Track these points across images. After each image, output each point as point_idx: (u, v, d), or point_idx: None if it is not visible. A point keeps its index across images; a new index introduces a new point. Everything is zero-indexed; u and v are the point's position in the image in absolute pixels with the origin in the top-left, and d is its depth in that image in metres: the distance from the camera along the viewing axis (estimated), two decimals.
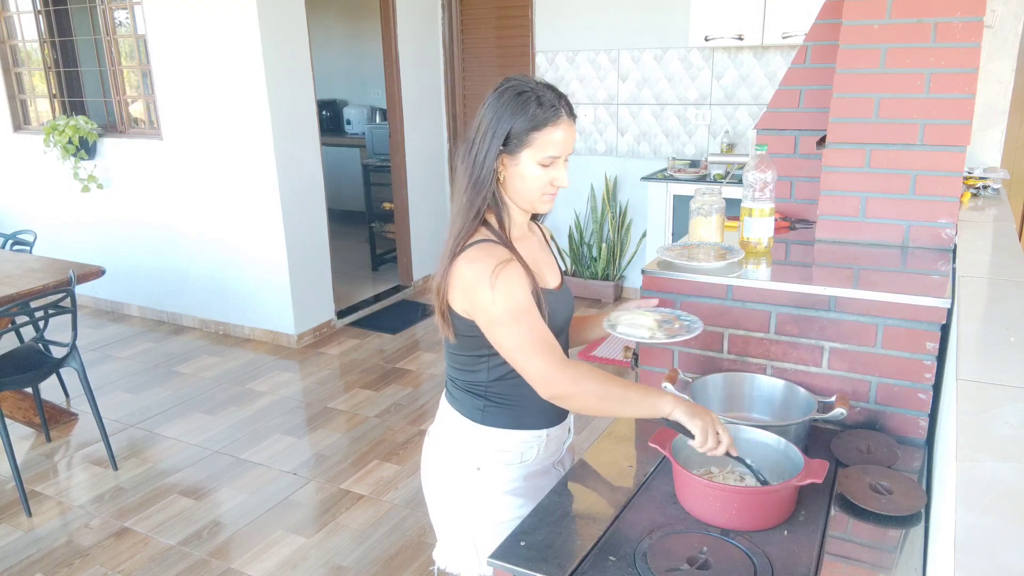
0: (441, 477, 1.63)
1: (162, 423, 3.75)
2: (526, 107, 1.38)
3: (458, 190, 1.46)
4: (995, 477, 0.90)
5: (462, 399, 1.58)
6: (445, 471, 1.62)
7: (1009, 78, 3.27)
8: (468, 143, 1.45)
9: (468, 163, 1.44)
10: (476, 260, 1.40)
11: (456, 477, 1.60)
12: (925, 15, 1.85)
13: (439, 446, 1.64)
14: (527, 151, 1.41)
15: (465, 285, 1.41)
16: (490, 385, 1.53)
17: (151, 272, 5.14)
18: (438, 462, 1.64)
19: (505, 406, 1.54)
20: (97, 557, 2.74)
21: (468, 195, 1.44)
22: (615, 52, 5.11)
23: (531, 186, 1.44)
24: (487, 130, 1.41)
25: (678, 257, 1.86)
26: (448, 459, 1.61)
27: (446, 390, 1.64)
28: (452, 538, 1.64)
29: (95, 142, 5.01)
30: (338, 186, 6.96)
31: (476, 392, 1.55)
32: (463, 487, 1.59)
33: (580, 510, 1.43)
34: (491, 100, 1.42)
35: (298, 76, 4.44)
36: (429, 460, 1.67)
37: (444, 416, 1.64)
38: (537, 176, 1.43)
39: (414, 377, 4.23)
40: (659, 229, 4.73)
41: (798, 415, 1.60)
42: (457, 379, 1.58)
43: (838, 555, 1.27)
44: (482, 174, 1.42)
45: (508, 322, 1.38)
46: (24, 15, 5.26)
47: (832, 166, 2.00)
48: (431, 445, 1.67)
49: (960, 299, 1.50)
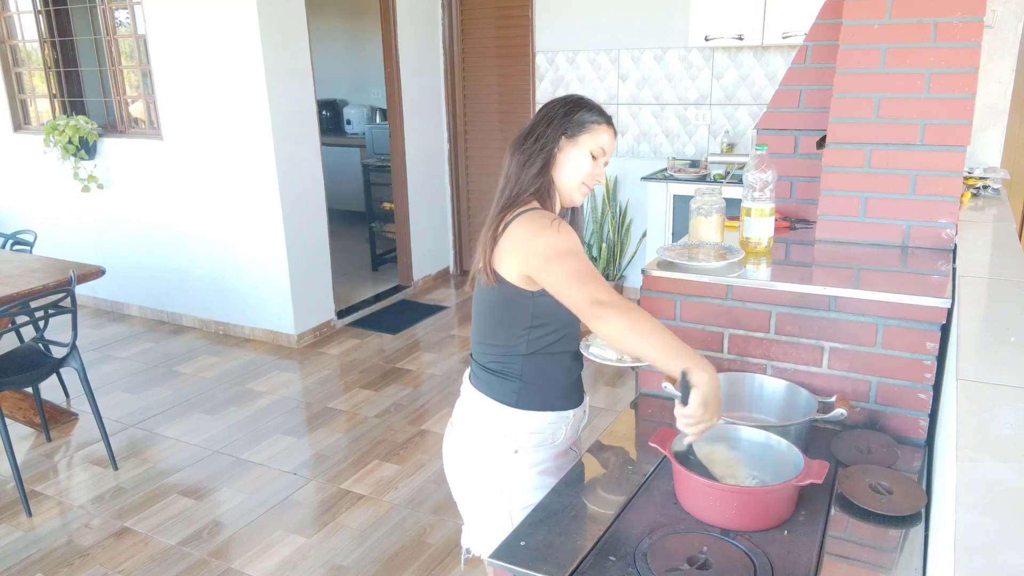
0: (476, 462, 1.68)
1: (162, 423, 3.75)
2: (589, 107, 1.62)
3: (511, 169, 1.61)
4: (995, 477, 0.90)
5: (494, 384, 1.64)
6: (480, 456, 1.67)
7: (1009, 78, 3.27)
8: (529, 131, 1.61)
9: (528, 144, 1.60)
10: (532, 219, 1.52)
11: (493, 461, 1.65)
12: (925, 15, 1.85)
13: (471, 432, 1.68)
14: (586, 136, 1.60)
15: (521, 239, 1.51)
16: (527, 361, 1.61)
17: (151, 272, 5.14)
18: (471, 448, 1.68)
19: (538, 387, 1.63)
20: (97, 557, 2.74)
21: (524, 168, 1.59)
22: (615, 52, 5.11)
23: (578, 173, 1.61)
24: (553, 116, 1.60)
25: (678, 257, 1.85)
26: (484, 444, 1.66)
27: (472, 376, 1.70)
28: (485, 521, 1.69)
29: (95, 142, 5.01)
30: (338, 186, 6.96)
31: (511, 374, 1.62)
32: (500, 471, 1.65)
33: (580, 510, 1.43)
34: (556, 101, 1.63)
35: (298, 76, 4.44)
36: (459, 447, 1.71)
37: (472, 403, 1.68)
38: (586, 164, 1.61)
39: (414, 377, 4.23)
40: (659, 229, 4.73)
41: (798, 415, 1.60)
42: (490, 363, 1.64)
43: (838, 555, 1.27)
44: (542, 152, 1.59)
45: (565, 255, 1.45)
46: (24, 15, 5.26)
47: (832, 166, 2.00)
48: (461, 432, 1.71)
49: (960, 299, 1.50)
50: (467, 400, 1.71)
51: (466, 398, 1.71)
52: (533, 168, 1.58)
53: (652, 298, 1.87)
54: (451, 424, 1.77)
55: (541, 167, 1.58)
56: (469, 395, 1.70)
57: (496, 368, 1.64)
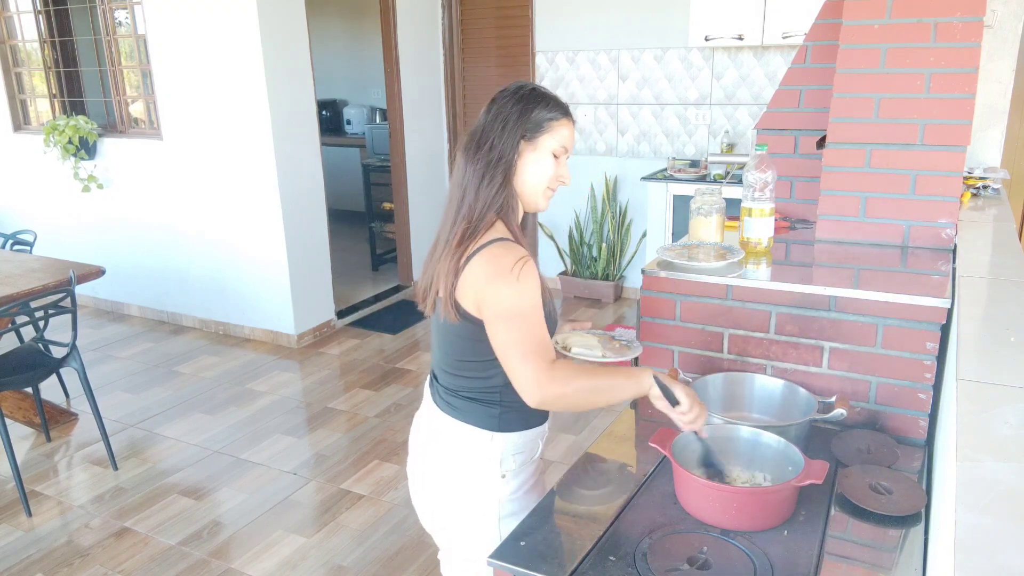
0: (460, 492, 1.56)
1: (162, 423, 3.75)
2: (545, 100, 1.48)
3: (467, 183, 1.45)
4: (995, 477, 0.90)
5: (471, 410, 1.53)
6: (466, 486, 1.55)
7: (1009, 78, 3.27)
8: (480, 135, 1.46)
9: (482, 154, 1.44)
10: (496, 257, 1.39)
11: (481, 489, 1.54)
12: (925, 15, 1.85)
13: (452, 461, 1.56)
14: (546, 137, 1.46)
15: (480, 279, 1.39)
16: (505, 389, 1.49)
17: (151, 272, 5.14)
18: (454, 477, 1.56)
19: (517, 409, 1.51)
20: (97, 557, 2.74)
21: (482, 185, 1.44)
22: (615, 52, 5.11)
23: (542, 177, 1.48)
24: (507, 118, 1.45)
25: (678, 257, 1.85)
26: (468, 473, 1.55)
27: (442, 403, 1.57)
28: (471, 547, 1.58)
29: (95, 142, 5.01)
30: (338, 186, 6.96)
31: (489, 400, 1.52)
32: (489, 497, 1.54)
33: (580, 510, 1.43)
34: (507, 96, 1.47)
35: (298, 76, 4.44)
36: (437, 477, 1.59)
37: (445, 432, 1.56)
38: (549, 166, 1.48)
39: (414, 377, 4.23)
40: (659, 229, 4.73)
41: (798, 415, 1.60)
42: (462, 389, 1.53)
43: (838, 555, 1.27)
44: (500, 161, 1.44)
45: (515, 319, 1.37)
46: (24, 15, 5.26)
47: (832, 166, 2.00)
48: (438, 462, 1.59)
49: (960, 299, 1.50)
50: (440, 429, 1.57)
51: (438, 427, 1.58)
52: (494, 184, 1.44)
53: (652, 298, 1.87)
54: (417, 454, 1.65)
55: (502, 181, 1.44)
56: (442, 423, 1.56)
57: (473, 396, 1.53)
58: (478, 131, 1.47)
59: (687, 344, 1.86)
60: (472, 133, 1.48)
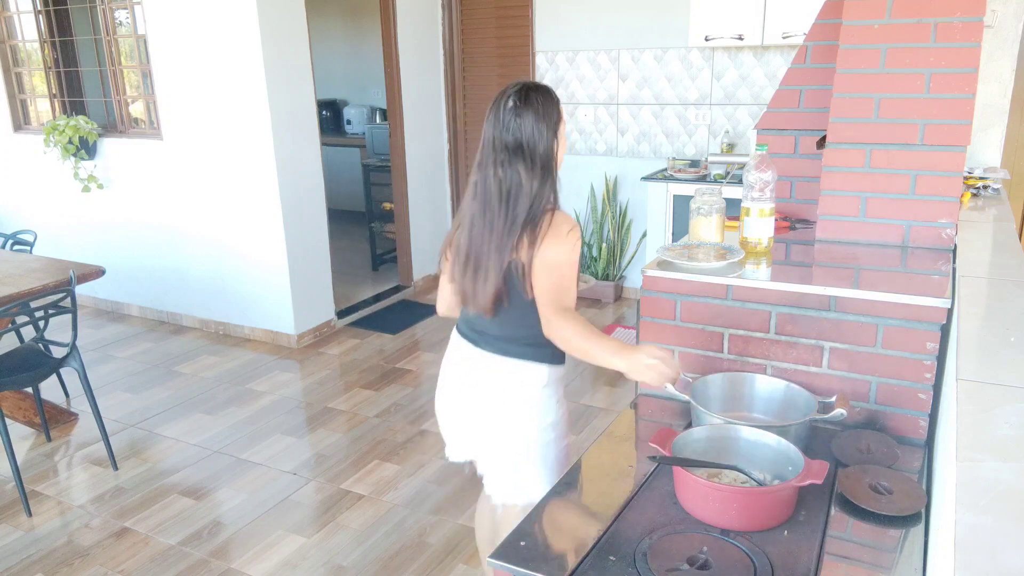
0: (530, 422, 1.87)
1: (162, 423, 3.75)
2: (553, 95, 1.79)
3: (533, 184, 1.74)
4: (995, 477, 0.90)
5: (531, 352, 1.85)
6: (534, 414, 1.88)
7: (1009, 78, 3.27)
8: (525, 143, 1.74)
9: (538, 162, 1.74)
10: (557, 224, 1.74)
11: (546, 416, 1.89)
12: (925, 15, 1.85)
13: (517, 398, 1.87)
14: (562, 125, 1.79)
15: (558, 232, 1.72)
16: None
17: (151, 272, 5.14)
18: (523, 411, 1.87)
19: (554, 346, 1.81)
20: (97, 557, 2.74)
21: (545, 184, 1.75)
22: (615, 52, 5.11)
23: (564, 154, 1.83)
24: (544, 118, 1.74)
25: (678, 257, 1.86)
26: (537, 401, 1.87)
27: (501, 353, 1.86)
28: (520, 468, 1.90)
29: (95, 142, 5.01)
30: (338, 186, 6.96)
31: (541, 342, 1.80)
32: (552, 421, 1.90)
33: (580, 510, 1.43)
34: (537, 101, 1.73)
35: (298, 76, 4.44)
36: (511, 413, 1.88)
37: (511, 372, 1.86)
38: (565, 147, 1.83)
39: (414, 377, 4.23)
40: (659, 229, 4.73)
41: (798, 415, 1.60)
42: (521, 338, 1.84)
43: (838, 555, 1.27)
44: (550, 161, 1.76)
45: (554, 269, 1.71)
46: (24, 15, 5.26)
47: (832, 166, 2.00)
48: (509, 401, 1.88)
49: (960, 299, 1.50)
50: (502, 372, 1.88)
51: (499, 370, 1.88)
52: (550, 180, 1.76)
53: (652, 298, 1.87)
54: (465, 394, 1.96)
55: (552, 177, 1.76)
56: (503, 368, 1.87)
57: (529, 340, 1.83)
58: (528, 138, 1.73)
59: (687, 344, 1.86)
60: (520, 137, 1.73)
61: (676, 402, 1.84)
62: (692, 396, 1.64)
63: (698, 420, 1.64)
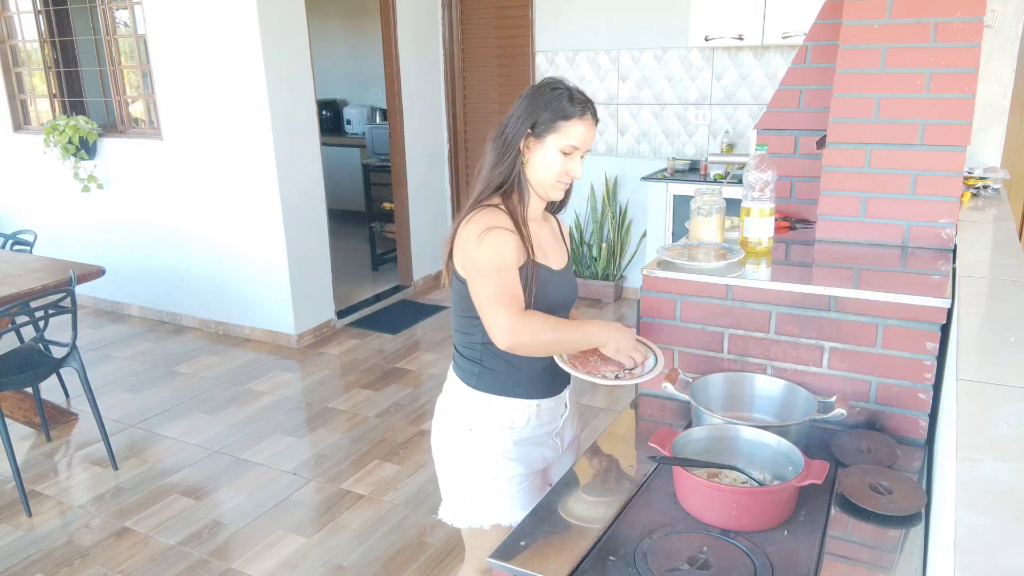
0: (440, 437, 1.77)
1: (162, 423, 3.75)
2: (559, 99, 1.57)
3: (484, 164, 1.64)
4: (995, 477, 0.90)
5: (462, 365, 1.72)
6: (444, 432, 1.76)
7: (1009, 78, 3.27)
8: (502, 126, 1.62)
9: (499, 142, 1.61)
10: (476, 221, 1.57)
11: (452, 437, 1.74)
12: (925, 15, 1.85)
13: (441, 408, 1.79)
14: (552, 136, 1.58)
15: (463, 241, 1.57)
16: (484, 348, 1.66)
17: (151, 272, 5.14)
18: (439, 423, 1.78)
19: (497, 372, 1.67)
20: (97, 557, 2.74)
21: (492, 167, 1.62)
22: (615, 52, 5.11)
23: (549, 171, 1.61)
24: (522, 113, 1.59)
25: (678, 257, 1.85)
26: (446, 420, 1.75)
27: (453, 359, 1.78)
28: (450, 493, 1.79)
29: (95, 142, 5.01)
30: (338, 186, 6.96)
31: (473, 358, 1.69)
32: (457, 446, 1.73)
33: (580, 510, 1.43)
34: (529, 91, 1.61)
35: (298, 76, 4.44)
36: (434, 422, 1.82)
37: (448, 382, 1.78)
38: (556, 162, 1.60)
39: (414, 377, 4.23)
40: (659, 229, 4.73)
41: (798, 415, 1.60)
42: (458, 345, 1.72)
43: (838, 555, 1.27)
44: (508, 150, 1.60)
45: (487, 274, 1.52)
46: (24, 15, 5.26)
47: (832, 166, 2.00)
48: (437, 408, 1.81)
49: (960, 299, 1.50)
50: (447, 379, 1.81)
51: (448, 376, 1.81)
52: (501, 167, 1.61)
53: (652, 298, 1.87)
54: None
55: (510, 167, 1.60)
56: (449, 373, 1.80)
57: (464, 353, 1.71)
58: (504, 120, 1.62)
59: (687, 344, 1.86)
60: (501, 122, 1.64)
61: (676, 402, 1.85)
62: (692, 396, 1.64)
63: (698, 420, 1.64)
